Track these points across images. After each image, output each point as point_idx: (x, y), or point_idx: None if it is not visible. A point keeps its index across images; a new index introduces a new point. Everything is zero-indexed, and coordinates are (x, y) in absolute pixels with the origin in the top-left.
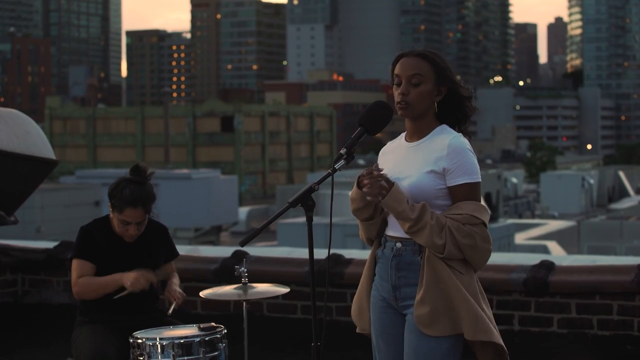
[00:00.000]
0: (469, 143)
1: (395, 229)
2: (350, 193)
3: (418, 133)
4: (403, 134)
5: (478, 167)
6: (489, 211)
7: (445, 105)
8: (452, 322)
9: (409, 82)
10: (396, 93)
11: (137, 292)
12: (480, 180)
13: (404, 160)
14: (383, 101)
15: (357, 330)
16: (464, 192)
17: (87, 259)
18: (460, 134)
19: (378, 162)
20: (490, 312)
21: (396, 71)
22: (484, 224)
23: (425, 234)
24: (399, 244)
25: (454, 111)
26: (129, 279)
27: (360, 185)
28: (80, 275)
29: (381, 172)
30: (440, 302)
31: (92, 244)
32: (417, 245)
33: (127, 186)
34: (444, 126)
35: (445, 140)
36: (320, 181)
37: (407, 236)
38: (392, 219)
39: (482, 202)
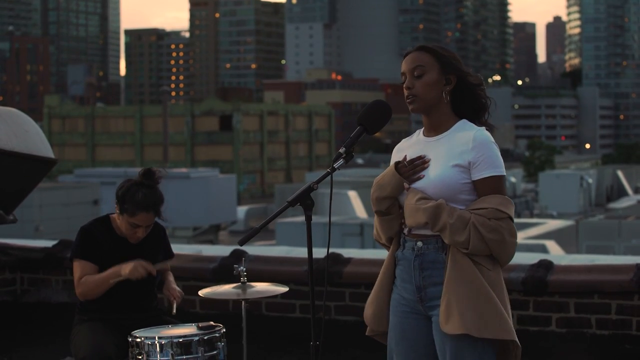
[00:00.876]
0: (492, 137)
1: (414, 228)
2: (377, 179)
3: (436, 127)
4: (420, 131)
5: (502, 160)
6: (514, 204)
7: (458, 97)
8: (476, 321)
9: (412, 74)
10: (404, 89)
11: (133, 280)
12: (505, 173)
13: (425, 155)
14: (382, 100)
15: (368, 332)
16: (490, 186)
17: (89, 260)
18: (483, 127)
19: (392, 159)
20: (509, 310)
21: (402, 70)
22: (510, 218)
23: (446, 234)
24: (420, 243)
25: (469, 101)
26: (127, 267)
27: (400, 172)
28: (82, 276)
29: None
30: (463, 301)
31: (93, 245)
32: (439, 242)
33: (139, 190)
34: (465, 121)
35: (470, 134)
36: (320, 180)
37: (428, 233)
38: None
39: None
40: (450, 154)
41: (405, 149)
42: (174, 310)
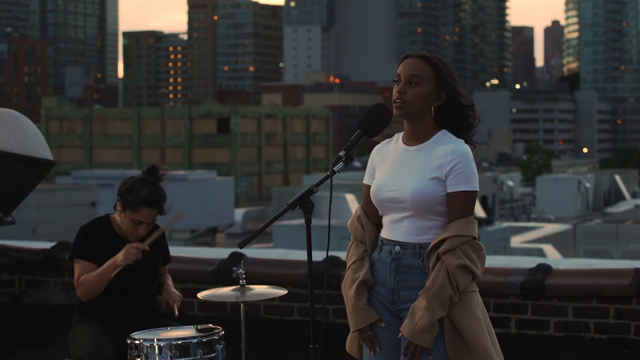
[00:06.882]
0: (471, 152)
1: (392, 233)
2: (347, 297)
3: (417, 136)
4: (399, 135)
5: (477, 176)
6: (476, 221)
7: (445, 112)
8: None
9: (408, 81)
10: (394, 91)
11: (132, 263)
12: (477, 189)
13: (403, 165)
14: (382, 104)
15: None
16: (460, 200)
17: (88, 260)
18: (462, 140)
19: (370, 160)
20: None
21: (398, 70)
22: (474, 238)
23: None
24: (397, 247)
25: (455, 120)
26: (120, 255)
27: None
28: (81, 277)
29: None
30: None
31: (93, 244)
32: (416, 249)
33: (143, 186)
34: (445, 131)
35: (449, 147)
36: (319, 183)
37: (405, 240)
38: (388, 222)
39: (472, 215)
40: (428, 166)
41: (384, 154)
42: (176, 313)
